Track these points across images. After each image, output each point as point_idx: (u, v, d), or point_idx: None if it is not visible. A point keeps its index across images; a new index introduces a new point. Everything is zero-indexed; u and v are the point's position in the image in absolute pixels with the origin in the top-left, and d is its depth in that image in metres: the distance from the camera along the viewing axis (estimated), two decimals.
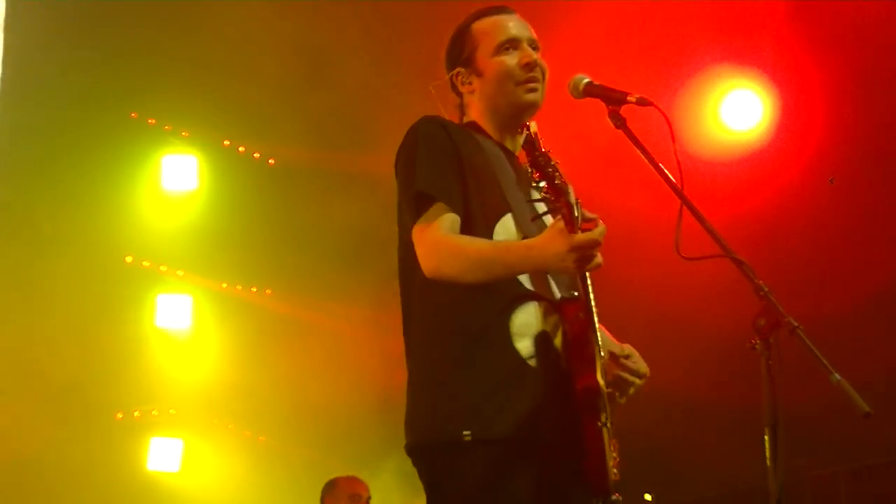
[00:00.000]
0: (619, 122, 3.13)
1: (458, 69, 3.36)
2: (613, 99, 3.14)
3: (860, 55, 6.46)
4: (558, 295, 3.11)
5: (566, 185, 2.82)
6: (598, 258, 2.86)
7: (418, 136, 3.17)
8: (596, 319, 3.04)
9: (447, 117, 3.35)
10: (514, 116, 3.32)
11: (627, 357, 3.22)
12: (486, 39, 3.32)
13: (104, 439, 7.79)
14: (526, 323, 3.03)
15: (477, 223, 3.05)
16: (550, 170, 2.83)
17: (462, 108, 3.40)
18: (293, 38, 7.10)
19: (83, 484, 7.56)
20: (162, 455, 8.12)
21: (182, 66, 7.23)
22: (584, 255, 2.81)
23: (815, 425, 5.98)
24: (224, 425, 8.23)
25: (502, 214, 3.10)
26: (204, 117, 7.70)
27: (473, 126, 3.35)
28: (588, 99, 3.21)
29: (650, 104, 3.09)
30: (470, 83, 3.34)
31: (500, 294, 2.98)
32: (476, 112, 3.35)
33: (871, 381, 3.02)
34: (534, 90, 3.28)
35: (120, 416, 7.99)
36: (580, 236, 2.79)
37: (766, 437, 2.65)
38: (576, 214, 2.78)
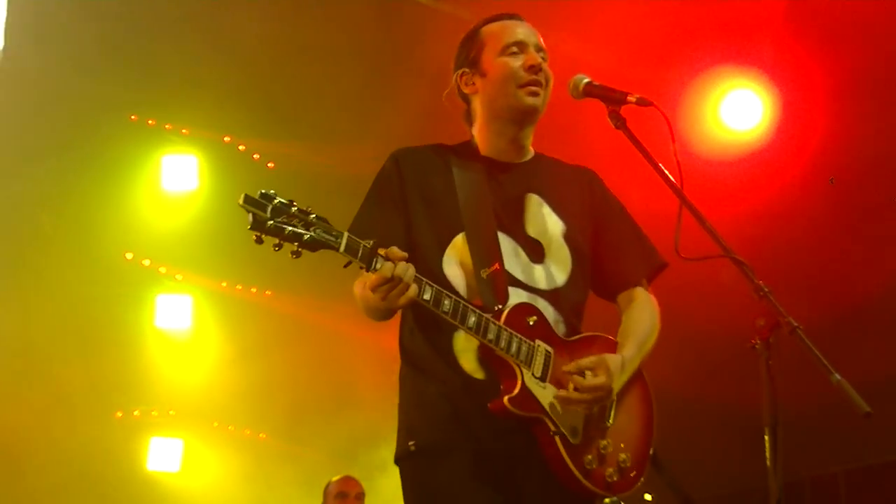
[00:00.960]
0: (619, 123, 3.13)
1: (462, 69, 3.37)
2: (613, 99, 3.15)
3: (860, 55, 6.45)
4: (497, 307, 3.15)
5: (332, 233, 2.80)
6: (408, 291, 2.87)
7: (375, 179, 3.31)
8: (507, 337, 3.04)
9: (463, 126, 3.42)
10: (513, 121, 3.32)
11: (585, 370, 3.10)
12: (493, 41, 3.34)
13: (104, 439, 7.79)
14: (468, 338, 3.09)
15: (427, 249, 3.15)
16: (290, 230, 2.73)
17: (469, 116, 3.41)
18: (293, 37, 7.11)
19: (83, 483, 7.56)
20: (162, 455, 8.12)
21: (182, 64, 7.23)
22: (383, 293, 2.87)
23: (815, 425, 5.98)
24: (224, 426, 8.22)
25: (454, 235, 3.19)
26: (204, 117, 7.70)
27: (463, 145, 3.39)
28: (588, 99, 3.22)
29: (650, 104, 3.09)
30: (473, 84, 3.35)
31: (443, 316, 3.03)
32: (479, 116, 3.36)
33: (870, 381, 3.02)
34: (535, 94, 3.28)
35: (119, 414, 7.98)
36: (372, 277, 2.87)
37: (766, 437, 2.65)
38: (360, 260, 2.83)
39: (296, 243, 2.74)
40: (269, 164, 7.91)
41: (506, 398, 3.00)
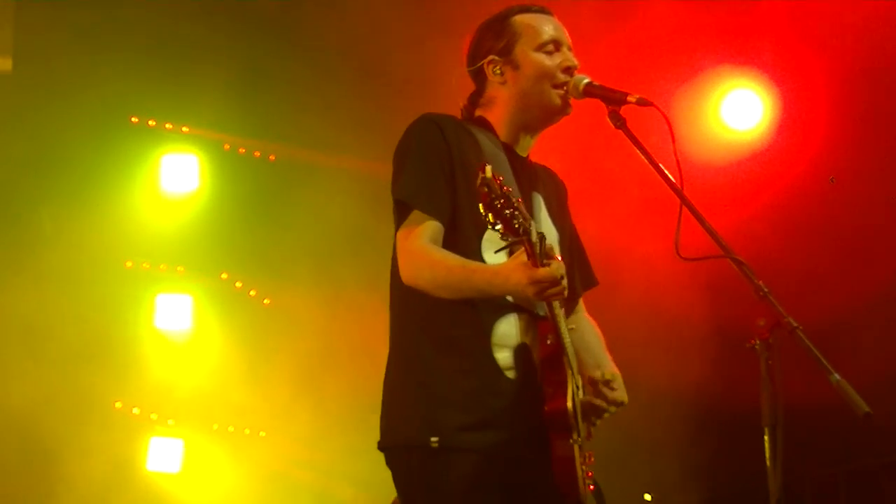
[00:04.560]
0: (619, 123, 3.14)
1: (491, 57, 3.31)
2: (613, 99, 3.15)
3: (860, 55, 6.46)
4: (540, 312, 3.11)
5: (528, 221, 2.75)
6: (563, 291, 2.88)
7: (412, 137, 3.16)
8: (568, 343, 3.05)
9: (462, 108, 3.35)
10: (540, 118, 3.31)
11: (608, 383, 3.17)
12: (529, 34, 3.30)
13: (103, 439, 7.77)
14: (507, 334, 3.05)
15: (467, 230, 3.06)
16: (508, 212, 2.70)
17: (476, 98, 3.36)
18: (294, 37, 7.11)
19: (82, 484, 7.55)
20: (162, 455, 8.10)
21: (182, 64, 7.23)
22: (542, 287, 2.83)
23: (815, 425, 5.98)
24: (224, 427, 8.21)
25: None
26: (204, 116, 7.70)
27: (479, 122, 3.32)
28: (588, 99, 3.23)
29: (650, 104, 3.10)
30: (501, 74, 3.29)
31: (483, 303, 2.99)
32: (500, 104, 3.30)
33: (870, 381, 3.02)
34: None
35: (119, 405, 7.92)
36: (541, 271, 2.81)
37: (766, 437, 2.66)
38: (537, 251, 2.79)
39: (503, 226, 2.69)
40: (270, 157, 7.87)
41: (569, 403, 2.98)
